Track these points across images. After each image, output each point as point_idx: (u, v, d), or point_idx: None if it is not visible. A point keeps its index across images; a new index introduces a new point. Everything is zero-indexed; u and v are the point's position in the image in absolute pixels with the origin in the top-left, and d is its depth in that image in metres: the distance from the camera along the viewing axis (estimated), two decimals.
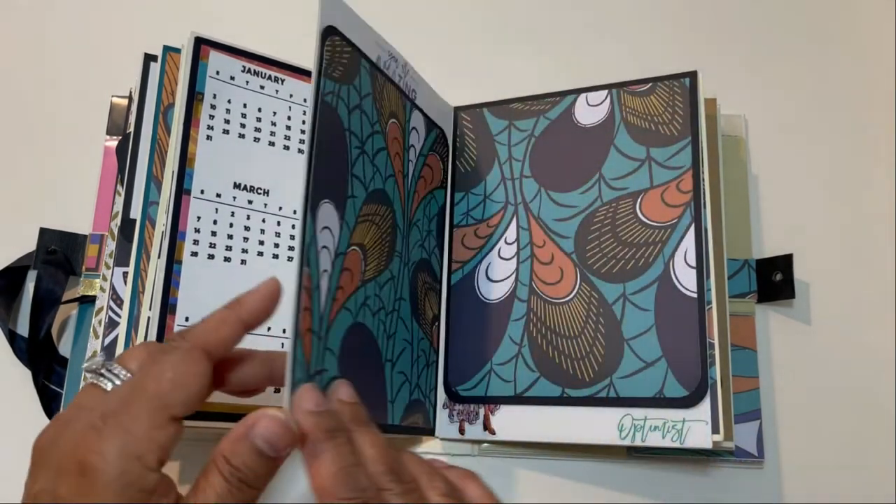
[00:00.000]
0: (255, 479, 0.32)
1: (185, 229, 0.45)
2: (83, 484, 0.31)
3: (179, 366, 0.33)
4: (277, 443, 0.32)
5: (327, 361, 0.39)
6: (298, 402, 0.34)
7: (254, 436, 0.32)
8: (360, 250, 0.43)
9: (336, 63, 0.42)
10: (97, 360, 0.35)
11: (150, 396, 0.32)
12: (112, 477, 0.30)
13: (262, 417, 0.33)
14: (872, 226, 0.57)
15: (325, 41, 0.41)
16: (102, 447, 0.31)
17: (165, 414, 0.32)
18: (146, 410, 0.32)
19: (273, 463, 0.33)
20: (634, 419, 0.46)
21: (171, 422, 0.32)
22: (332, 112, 0.41)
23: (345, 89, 0.42)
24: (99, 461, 0.31)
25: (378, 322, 0.45)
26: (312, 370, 0.37)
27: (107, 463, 0.31)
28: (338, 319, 0.40)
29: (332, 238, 0.40)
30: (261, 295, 0.37)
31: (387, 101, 0.47)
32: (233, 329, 0.36)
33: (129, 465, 0.31)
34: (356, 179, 0.43)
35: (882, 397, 0.53)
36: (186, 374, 0.33)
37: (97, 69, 0.60)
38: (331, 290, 0.40)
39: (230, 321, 0.36)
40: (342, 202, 0.41)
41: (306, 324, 0.37)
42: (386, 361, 0.46)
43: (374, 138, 0.45)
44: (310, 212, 0.38)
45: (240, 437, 0.32)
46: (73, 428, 0.32)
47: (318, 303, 0.38)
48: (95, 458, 0.31)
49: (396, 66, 0.48)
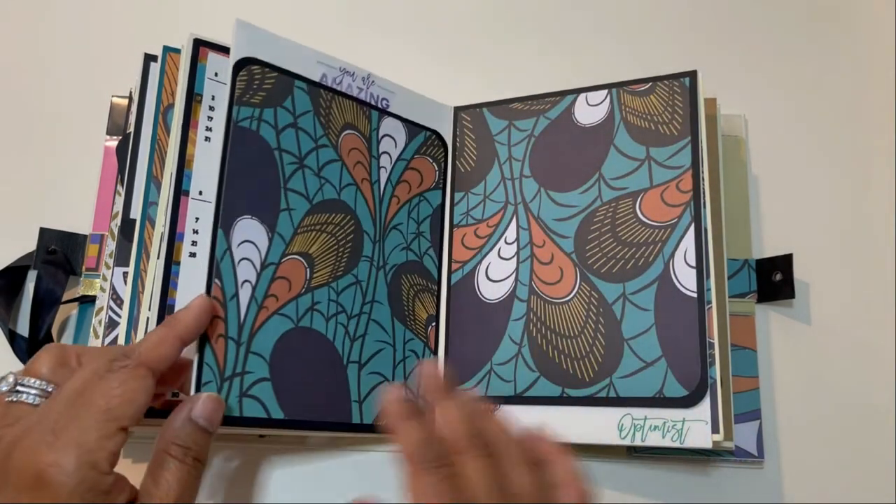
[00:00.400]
0: (202, 452, 0.38)
1: (184, 230, 0.46)
2: (45, 495, 0.34)
3: (128, 382, 0.37)
4: (214, 418, 0.40)
5: (252, 364, 0.43)
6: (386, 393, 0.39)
7: (196, 416, 0.39)
8: (302, 259, 0.47)
9: (255, 90, 0.47)
10: (8, 379, 0.38)
11: (100, 410, 0.36)
12: (72, 486, 0.34)
13: (199, 399, 0.39)
14: (872, 226, 0.57)
15: (240, 71, 0.46)
16: (59, 460, 0.34)
17: (115, 425, 0.36)
18: (95, 423, 0.36)
19: (211, 437, 0.39)
20: (634, 419, 0.46)
21: (118, 432, 0.36)
22: (253, 135, 0.46)
23: (269, 112, 0.47)
24: (57, 473, 0.34)
25: (335, 325, 0.47)
26: (228, 373, 0.42)
27: (65, 474, 0.34)
28: (268, 325, 0.45)
29: (258, 250, 0.45)
30: (194, 313, 0.41)
31: (337, 115, 0.50)
32: (172, 346, 0.40)
33: (86, 473, 0.34)
34: (293, 193, 0.47)
35: (882, 397, 0.53)
36: (135, 390, 0.37)
37: (97, 69, 0.60)
38: (255, 298, 0.44)
39: (169, 339, 0.40)
40: (272, 216, 0.46)
41: (218, 330, 0.42)
42: (350, 363, 0.48)
43: (319, 152, 0.49)
44: (220, 229, 0.43)
45: (184, 420, 0.39)
46: (23, 446, 0.35)
47: (237, 311, 0.43)
48: (53, 471, 0.34)
49: (353, 79, 0.51)
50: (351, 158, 0.50)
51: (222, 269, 0.43)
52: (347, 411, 0.47)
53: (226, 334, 0.43)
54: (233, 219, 0.44)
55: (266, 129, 0.47)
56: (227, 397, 0.42)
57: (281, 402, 0.44)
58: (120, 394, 0.37)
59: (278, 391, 0.44)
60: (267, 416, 0.44)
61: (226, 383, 0.43)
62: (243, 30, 0.47)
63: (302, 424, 0.45)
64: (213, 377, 0.42)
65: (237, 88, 0.46)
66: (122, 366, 0.38)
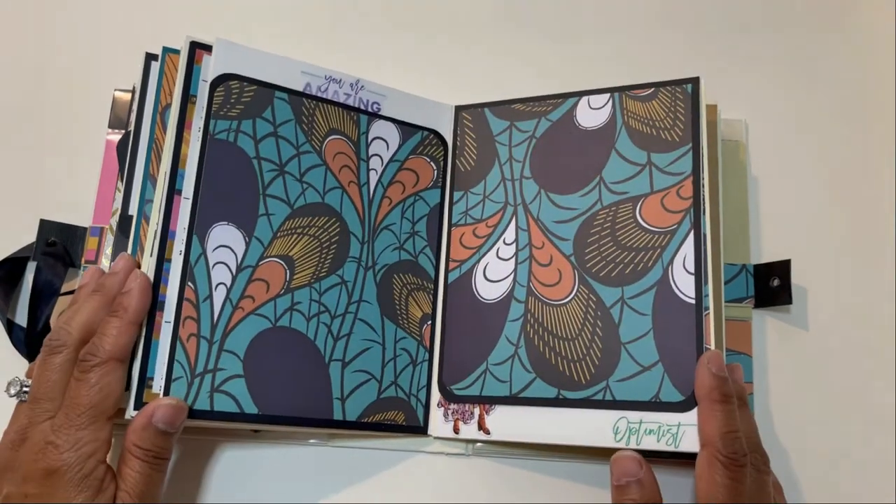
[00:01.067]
0: (165, 451, 0.43)
1: (175, 228, 0.47)
2: (49, 483, 0.40)
3: (104, 378, 0.42)
4: (175, 422, 0.43)
5: (224, 362, 0.46)
6: (709, 360, 0.44)
7: (156, 421, 0.42)
8: (282, 261, 0.49)
9: (233, 103, 0.49)
10: (14, 383, 0.44)
11: (87, 407, 0.41)
12: (74, 474, 0.40)
13: (159, 407, 0.43)
14: (871, 232, 0.57)
15: (217, 87, 0.49)
16: (62, 456, 0.40)
17: (103, 417, 0.41)
18: (87, 419, 0.41)
19: (175, 435, 0.43)
20: (630, 422, 0.46)
21: (107, 422, 0.42)
22: (231, 146, 0.48)
23: (247, 123, 0.49)
24: (62, 465, 0.40)
25: (317, 325, 0.49)
26: (199, 370, 0.45)
27: (69, 466, 0.40)
28: (243, 325, 0.47)
29: (234, 254, 0.47)
30: (138, 294, 0.44)
31: (321, 121, 0.52)
32: (129, 334, 0.43)
33: (86, 463, 0.40)
34: (272, 199, 0.49)
35: (879, 403, 0.53)
36: (110, 384, 0.42)
37: (101, 63, 0.60)
38: (230, 299, 0.46)
39: (125, 328, 0.43)
40: (250, 221, 0.48)
41: (190, 330, 0.45)
42: (332, 361, 0.49)
43: (301, 158, 0.51)
44: (196, 235, 0.46)
45: (144, 425, 0.42)
46: (29, 446, 0.41)
47: (210, 311, 0.46)
48: (58, 464, 0.40)
49: (339, 86, 0.53)
50: (336, 162, 0.52)
51: (195, 273, 0.46)
52: (329, 408, 0.48)
53: (198, 333, 0.45)
54: (208, 225, 0.47)
55: (244, 139, 0.49)
56: (197, 392, 0.44)
57: (255, 398, 0.46)
58: (99, 390, 0.41)
59: (252, 387, 0.46)
60: (240, 410, 0.45)
61: (196, 379, 0.45)
62: (222, 47, 0.49)
63: (279, 420, 0.46)
64: (184, 373, 0.45)
65: (214, 103, 0.48)
66: (92, 365, 0.42)
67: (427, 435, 0.51)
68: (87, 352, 0.42)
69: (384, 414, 0.50)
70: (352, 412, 0.49)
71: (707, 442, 0.43)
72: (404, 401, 0.51)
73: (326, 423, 0.48)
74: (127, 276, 0.45)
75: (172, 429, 0.43)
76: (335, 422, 0.48)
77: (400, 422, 0.50)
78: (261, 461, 0.50)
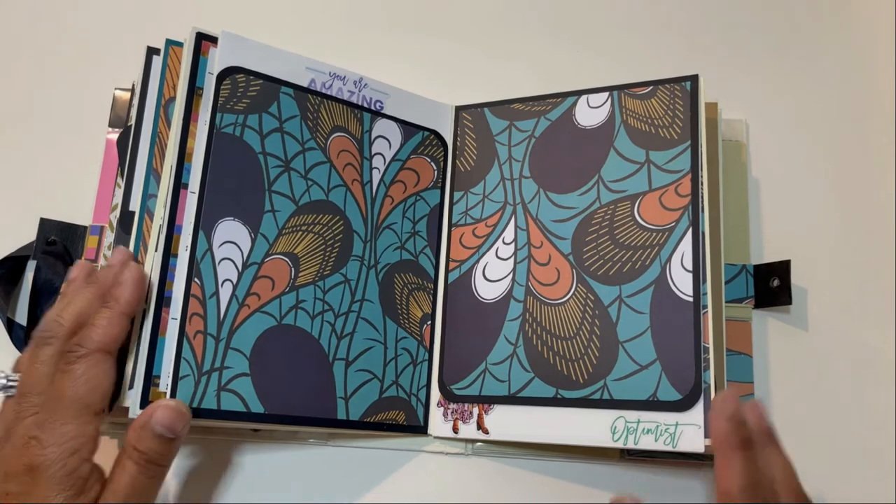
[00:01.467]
0: (161, 458, 0.40)
1: (182, 223, 0.46)
2: (30, 481, 0.38)
3: (90, 370, 0.40)
4: (174, 426, 0.40)
5: (231, 360, 0.45)
6: (720, 406, 0.40)
7: (154, 423, 0.40)
8: (287, 258, 0.48)
9: (239, 97, 0.48)
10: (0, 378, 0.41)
11: (72, 401, 0.39)
12: (56, 471, 0.38)
13: (159, 408, 0.40)
14: (872, 232, 0.57)
15: (224, 80, 0.48)
16: (45, 451, 0.38)
17: (89, 412, 0.39)
18: (72, 413, 0.39)
19: (174, 443, 0.41)
20: (627, 421, 0.46)
21: (94, 417, 0.39)
22: (237, 140, 0.48)
23: (253, 117, 0.49)
24: (44, 461, 0.38)
25: (322, 323, 0.48)
26: (206, 368, 0.44)
27: (51, 462, 0.38)
28: (249, 322, 0.46)
29: (240, 251, 0.46)
30: (130, 286, 0.42)
31: (326, 118, 0.51)
32: (120, 325, 0.42)
33: (69, 460, 0.38)
34: (278, 195, 0.48)
35: (879, 403, 0.53)
36: (97, 376, 0.40)
37: (100, 61, 0.60)
38: (236, 296, 0.46)
39: (115, 319, 0.41)
40: (256, 217, 0.47)
41: (197, 327, 0.44)
42: (336, 360, 0.49)
43: (306, 154, 0.50)
44: (202, 230, 0.45)
45: (142, 426, 0.40)
46: (13, 442, 0.39)
47: (217, 308, 0.45)
48: (40, 460, 0.38)
49: (343, 83, 0.52)
50: (340, 160, 0.51)
51: (202, 269, 0.45)
52: (333, 408, 0.48)
53: (205, 331, 0.45)
54: (214, 220, 0.46)
55: (250, 134, 0.48)
56: (204, 391, 0.44)
57: (261, 397, 0.45)
58: (85, 381, 0.39)
59: (258, 386, 0.45)
60: (246, 410, 0.45)
61: (203, 377, 0.44)
62: (228, 40, 0.49)
63: (284, 419, 0.46)
64: (191, 371, 0.44)
65: (220, 97, 0.48)
66: (79, 356, 0.40)
67: (427, 434, 0.51)
68: (74, 342, 0.40)
69: (386, 413, 0.50)
70: (355, 412, 0.49)
71: (724, 494, 0.38)
72: (405, 400, 0.51)
73: (331, 423, 0.48)
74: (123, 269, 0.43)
75: (170, 433, 0.40)
76: (339, 421, 0.48)
77: (401, 421, 0.50)
78: (260, 460, 0.50)
